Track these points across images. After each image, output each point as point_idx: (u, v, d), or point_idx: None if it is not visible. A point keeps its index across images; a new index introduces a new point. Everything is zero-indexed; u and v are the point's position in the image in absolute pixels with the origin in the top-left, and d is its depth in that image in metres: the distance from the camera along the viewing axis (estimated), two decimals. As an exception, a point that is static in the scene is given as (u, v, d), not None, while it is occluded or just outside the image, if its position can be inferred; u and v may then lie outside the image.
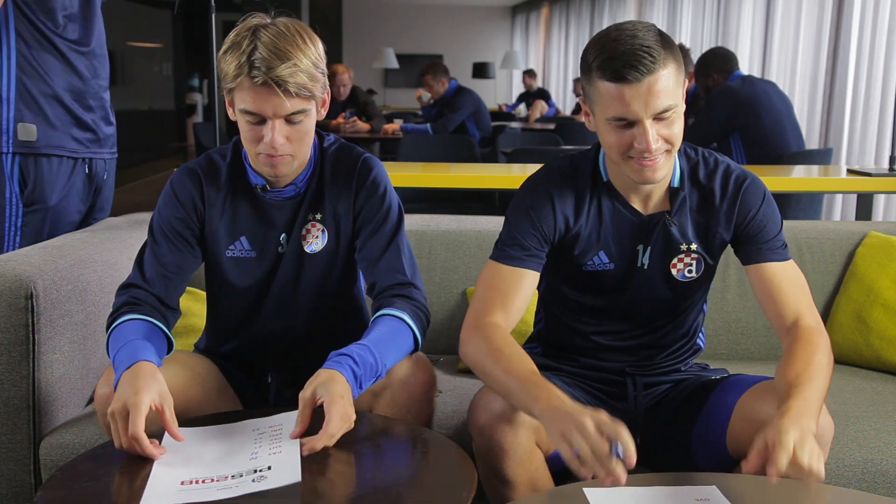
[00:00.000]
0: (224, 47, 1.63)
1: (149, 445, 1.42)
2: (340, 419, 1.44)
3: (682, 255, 1.73)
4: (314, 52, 1.63)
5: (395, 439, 1.56)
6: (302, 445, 1.42)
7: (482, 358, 1.59)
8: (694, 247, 1.73)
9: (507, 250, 1.70)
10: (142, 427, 1.42)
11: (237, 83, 1.60)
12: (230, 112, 1.69)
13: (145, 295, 1.72)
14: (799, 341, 1.60)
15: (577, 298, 1.79)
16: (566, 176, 1.73)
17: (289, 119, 1.62)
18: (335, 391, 1.46)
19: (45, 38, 2.37)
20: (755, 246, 1.72)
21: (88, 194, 2.53)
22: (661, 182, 1.67)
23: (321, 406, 1.46)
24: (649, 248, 1.72)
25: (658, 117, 1.55)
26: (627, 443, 1.31)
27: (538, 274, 1.72)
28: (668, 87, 1.54)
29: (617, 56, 1.52)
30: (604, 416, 1.35)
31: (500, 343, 1.60)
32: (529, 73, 11.37)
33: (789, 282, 1.70)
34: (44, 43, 2.37)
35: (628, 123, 1.56)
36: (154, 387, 1.48)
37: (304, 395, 1.47)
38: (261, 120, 1.62)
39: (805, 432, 1.36)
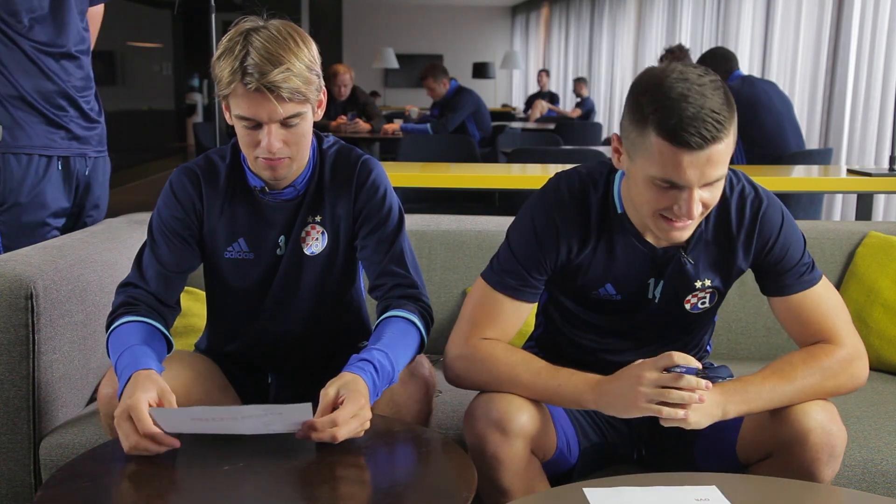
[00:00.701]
0: (217, 53, 1.62)
1: (165, 436, 1.42)
2: (353, 416, 1.43)
3: (696, 292, 1.67)
4: (307, 54, 1.62)
5: (395, 439, 1.56)
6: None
7: (493, 372, 1.60)
8: (708, 283, 1.65)
9: (503, 277, 1.65)
10: (150, 423, 1.42)
11: (231, 89, 1.59)
12: (227, 116, 1.68)
13: (143, 294, 1.72)
14: (803, 350, 1.61)
15: (581, 315, 1.75)
16: (576, 201, 1.63)
17: (284, 123, 1.61)
18: (358, 391, 1.47)
19: (9, 40, 2.36)
20: (779, 276, 1.63)
21: (70, 191, 2.52)
22: None
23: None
24: (662, 282, 1.65)
25: (706, 184, 1.46)
26: (686, 359, 1.41)
27: (533, 305, 1.69)
28: (725, 155, 1.44)
29: (683, 119, 1.39)
30: (638, 363, 1.45)
31: (504, 351, 1.61)
32: (545, 72, 11.43)
33: (815, 309, 1.62)
34: (8, 44, 2.36)
35: (673, 185, 1.45)
36: (151, 387, 1.48)
37: (327, 392, 1.47)
38: (256, 125, 1.61)
39: (712, 415, 1.46)
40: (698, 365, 1.41)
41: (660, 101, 1.41)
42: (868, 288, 2.36)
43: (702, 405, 1.44)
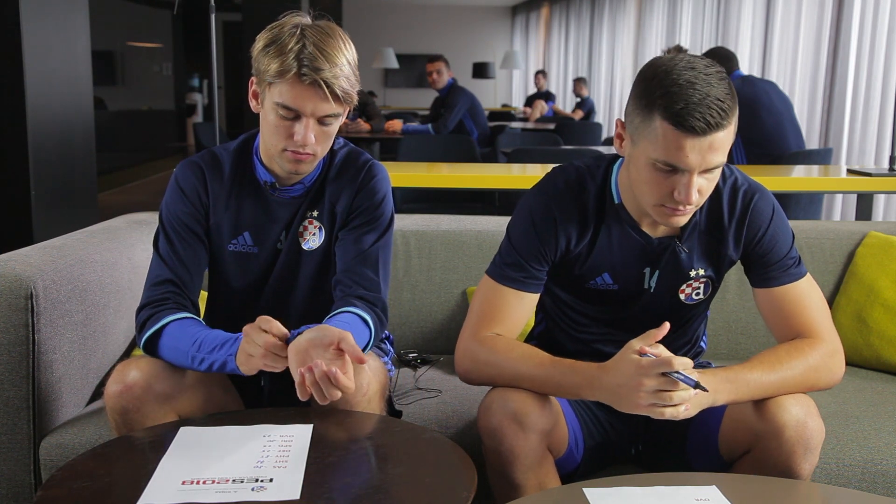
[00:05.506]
0: (264, 42, 1.65)
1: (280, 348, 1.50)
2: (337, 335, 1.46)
3: (690, 281, 1.70)
4: (353, 57, 1.68)
5: (395, 439, 1.56)
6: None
7: (496, 366, 1.60)
8: (703, 272, 1.69)
9: (506, 270, 1.67)
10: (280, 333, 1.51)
11: (284, 79, 1.61)
12: (253, 104, 1.71)
13: (180, 293, 1.73)
14: (788, 344, 1.63)
15: (578, 307, 1.77)
16: (573, 192, 1.67)
17: (321, 120, 1.65)
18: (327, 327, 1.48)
19: None
20: (766, 268, 1.67)
21: None
22: None
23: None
24: (657, 271, 1.68)
25: (705, 171, 1.50)
26: (683, 365, 1.40)
27: (538, 295, 1.70)
28: (726, 143, 1.49)
29: (689, 105, 1.44)
30: (635, 363, 1.43)
31: (506, 346, 1.62)
32: (542, 73, 11.44)
33: (797, 302, 1.66)
34: None
35: (674, 170, 1.49)
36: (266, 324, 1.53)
37: (294, 348, 1.48)
38: (296, 116, 1.64)
39: (701, 404, 1.47)
40: (696, 378, 1.42)
41: (668, 87, 1.46)
42: (868, 288, 2.36)
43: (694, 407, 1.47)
